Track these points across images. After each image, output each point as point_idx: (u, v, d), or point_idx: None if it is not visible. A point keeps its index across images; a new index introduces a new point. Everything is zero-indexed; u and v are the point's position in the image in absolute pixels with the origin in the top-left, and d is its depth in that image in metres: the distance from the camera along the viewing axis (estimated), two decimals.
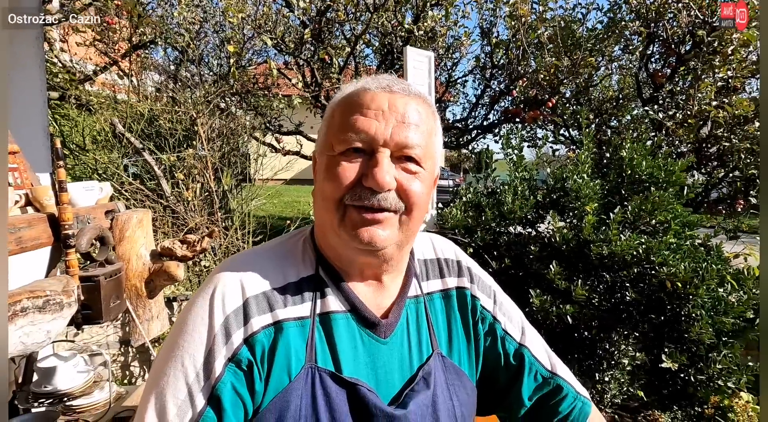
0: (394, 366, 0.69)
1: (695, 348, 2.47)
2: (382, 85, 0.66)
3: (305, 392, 0.61)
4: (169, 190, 2.53)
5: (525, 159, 3.36)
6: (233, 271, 0.66)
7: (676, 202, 2.74)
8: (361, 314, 0.68)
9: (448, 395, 0.71)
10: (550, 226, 2.84)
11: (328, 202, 0.64)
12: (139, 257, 1.41)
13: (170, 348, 0.62)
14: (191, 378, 0.59)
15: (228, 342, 0.60)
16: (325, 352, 0.64)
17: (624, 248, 2.48)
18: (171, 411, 0.57)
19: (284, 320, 0.63)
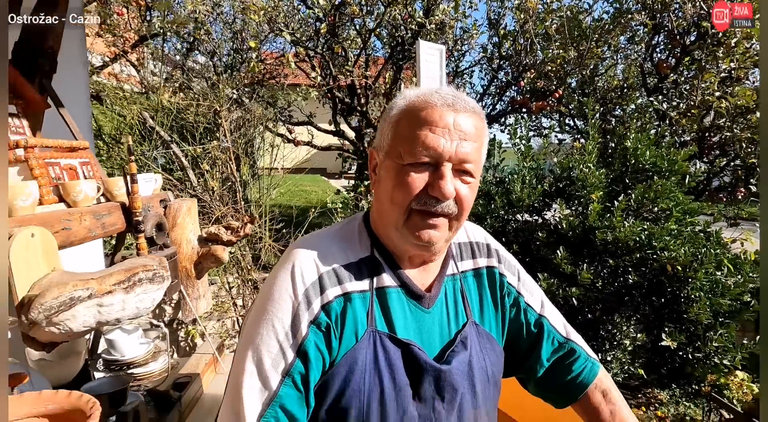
0: (435, 332, 0.82)
1: (693, 328, 2.63)
2: (447, 102, 0.74)
3: (369, 350, 0.74)
4: (195, 180, 2.67)
5: (532, 149, 3.48)
6: (307, 250, 0.79)
7: (678, 190, 2.87)
8: (409, 289, 0.81)
9: (482, 356, 0.85)
10: (557, 214, 2.97)
11: (396, 206, 0.75)
12: (188, 242, 1.56)
13: (260, 314, 0.75)
14: (281, 337, 0.72)
15: (309, 309, 0.74)
16: (382, 319, 0.78)
17: (627, 234, 2.62)
18: (267, 363, 0.70)
19: (351, 292, 0.77)
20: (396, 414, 0.74)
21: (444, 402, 0.78)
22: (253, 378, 0.70)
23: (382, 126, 0.81)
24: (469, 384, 0.82)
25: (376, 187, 0.82)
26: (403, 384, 0.75)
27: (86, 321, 0.77)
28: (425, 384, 0.76)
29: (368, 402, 0.72)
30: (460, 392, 0.80)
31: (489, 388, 0.86)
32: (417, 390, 0.76)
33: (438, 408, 0.77)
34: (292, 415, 0.70)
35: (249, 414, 0.68)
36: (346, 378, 0.73)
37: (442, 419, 0.78)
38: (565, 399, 0.96)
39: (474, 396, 0.82)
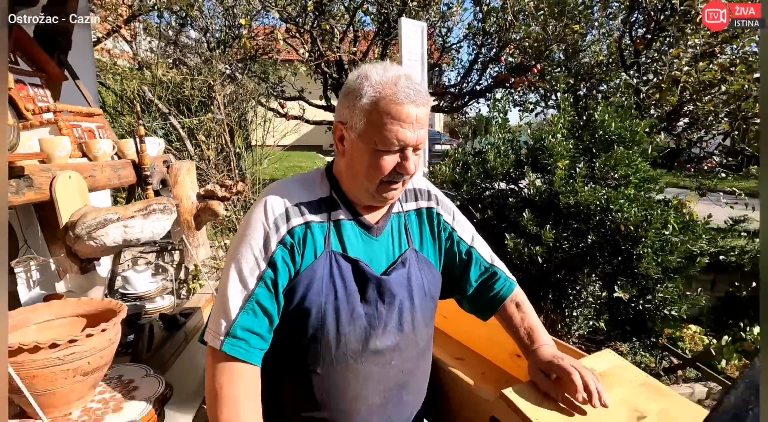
0: (382, 255, 1.05)
1: (645, 282, 2.92)
2: (411, 99, 0.91)
3: (325, 266, 0.97)
4: (192, 150, 2.89)
5: (509, 121, 3.70)
6: (277, 191, 1.02)
7: (640, 160, 3.12)
8: (361, 221, 1.04)
9: (420, 275, 1.10)
10: (527, 181, 3.23)
11: (370, 179, 0.96)
12: (188, 198, 1.81)
13: (240, 238, 0.98)
14: (256, 252, 0.94)
15: (278, 232, 0.96)
16: (337, 243, 1.00)
17: (588, 198, 2.88)
18: (245, 271, 0.93)
19: (311, 222, 0.99)
20: (347, 312, 0.97)
21: (384, 304, 1.01)
22: (235, 283, 0.93)
23: (351, 107, 0.95)
24: (407, 294, 1.06)
25: (346, 158, 1.00)
26: (353, 290, 0.99)
27: (115, 239, 1.02)
28: (369, 290, 1.00)
29: (325, 302, 0.95)
30: (399, 298, 1.04)
31: (426, 300, 1.11)
32: (363, 294, 0.99)
33: (380, 309, 1.00)
34: (265, 308, 0.93)
35: (233, 307, 0.92)
36: (308, 286, 0.95)
37: (383, 316, 1.01)
38: (489, 311, 1.24)
39: (412, 303, 1.07)
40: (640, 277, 2.91)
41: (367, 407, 1.01)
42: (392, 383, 1.03)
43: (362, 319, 0.98)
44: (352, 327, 0.97)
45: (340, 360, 0.97)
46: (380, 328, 1.00)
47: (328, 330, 0.96)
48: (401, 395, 1.07)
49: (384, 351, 1.01)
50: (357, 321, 0.98)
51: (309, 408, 1.00)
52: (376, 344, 0.99)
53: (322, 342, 0.96)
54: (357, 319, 0.98)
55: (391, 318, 1.01)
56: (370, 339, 0.99)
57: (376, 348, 0.99)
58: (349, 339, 0.97)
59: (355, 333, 0.97)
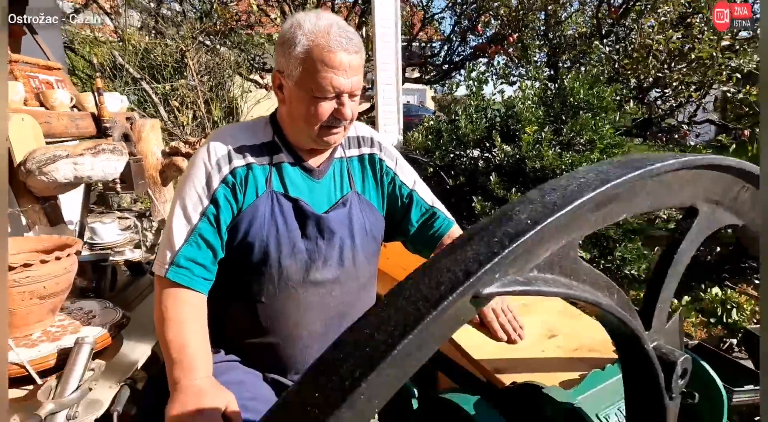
0: (324, 197, 1.10)
1: (606, 243, 3.06)
2: (344, 47, 0.96)
3: (267, 204, 1.02)
4: (166, 116, 2.92)
5: (483, 90, 3.76)
6: (220, 135, 1.06)
7: (607, 126, 3.20)
8: (303, 164, 1.08)
9: (362, 216, 1.17)
10: (497, 146, 3.31)
11: (310, 125, 1.01)
12: (153, 154, 1.87)
13: (185, 179, 1.04)
14: (199, 190, 1.00)
15: (220, 172, 1.00)
16: (279, 184, 1.05)
17: (553, 162, 2.98)
18: (189, 207, 0.99)
19: (253, 163, 1.03)
20: (288, 246, 1.03)
21: (324, 240, 1.07)
22: (180, 218, 1.00)
23: (287, 56, 0.99)
24: (348, 232, 1.13)
25: (286, 105, 1.06)
26: (294, 227, 1.04)
27: (66, 175, 1.10)
28: (309, 227, 1.05)
29: (267, 237, 1.01)
30: (338, 235, 1.08)
31: (367, 239, 1.18)
32: (304, 231, 1.05)
33: (320, 244, 1.06)
34: (208, 241, 1.00)
35: (177, 240, 0.98)
36: (250, 223, 1.01)
37: (323, 251, 1.07)
38: (429, 248, 1.33)
39: (353, 241, 1.14)
40: (602, 238, 3.04)
41: (308, 333, 1.09)
42: (333, 312, 1.10)
43: (303, 254, 1.04)
44: (293, 260, 1.03)
45: (282, 290, 1.04)
46: (320, 262, 1.06)
47: (270, 263, 1.02)
48: (342, 325, 1.14)
49: (324, 282, 1.07)
50: (298, 255, 1.04)
51: (254, 335, 1.08)
52: (316, 276, 1.05)
53: (266, 274, 1.02)
54: (298, 253, 1.04)
55: (331, 254, 1.08)
56: (310, 271, 1.05)
57: (316, 279, 1.06)
58: (290, 271, 1.03)
59: (296, 265, 1.03)
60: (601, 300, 0.42)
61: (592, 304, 0.44)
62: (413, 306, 0.35)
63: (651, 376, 0.51)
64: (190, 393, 0.90)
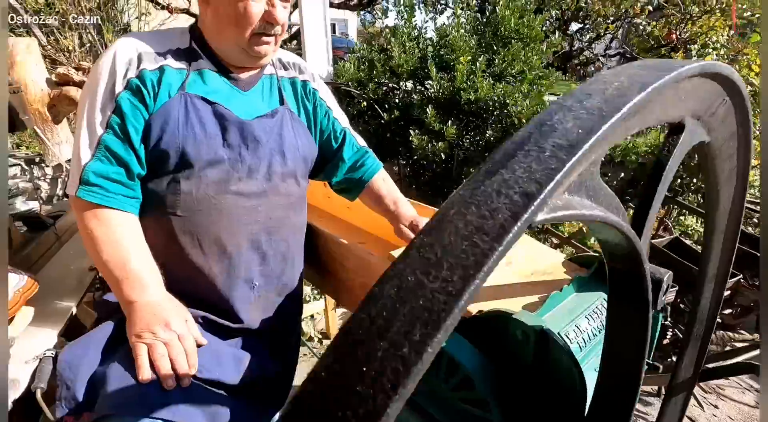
0: (251, 107, 1.01)
1: None
2: None
3: (180, 107, 0.92)
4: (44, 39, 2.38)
5: (415, 17, 3.56)
6: (128, 40, 0.95)
7: (534, 55, 3.23)
8: (227, 72, 1.01)
9: (293, 134, 1.08)
10: (432, 78, 3.22)
11: (240, 29, 0.94)
12: (34, 83, 1.52)
13: (86, 88, 0.93)
14: (102, 99, 0.91)
15: (126, 76, 0.91)
16: (197, 88, 0.96)
17: (487, 93, 2.97)
18: (93, 121, 0.90)
19: (166, 66, 0.94)
20: (207, 155, 0.94)
21: (249, 150, 0.98)
22: (84, 132, 0.90)
23: None
24: (277, 147, 1.03)
25: (211, 11, 0.96)
26: (213, 133, 0.95)
27: None
28: (231, 134, 0.96)
29: (183, 145, 0.92)
30: (267, 147, 1.01)
31: (298, 160, 1.09)
32: (225, 138, 0.96)
33: (243, 154, 0.98)
34: (117, 154, 0.90)
35: (84, 155, 0.89)
36: (162, 128, 0.91)
37: (247, 161, 0.98)
38: (358, 188, 1.27)
39: (283, 158, 1.05)
40: None
41: (234, 249, 0.99)
42: (259, 228, 1.02)
43: (224, 163, 0.96)
44: (213, 169, 0.95)
45: (201, 200, 0.95)
46: (243, 172, 0.98)
47: (187, 173, 0.93)
48: (270, 243, 1.06)
49: (249, 195, 0.99)
50: (218, 164, 0.95)
51: (173, 257, 0.96)
52: (240, 187, 0.98)
53: (182, 183, 0.94)
54: (218, 162, 0.95)
55: (258, 166, 1.00)
56: (231, 180, 0.97)
57: (240, 190, 0.98)
58: (210, 181, 0.95)
59: (217, 174, 0.95)
60: (616, 221, 0.39)
61: (611, 225, 0.40)
62: (469, 242, 0.27)
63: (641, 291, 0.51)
64: (147, 310, 0.85)
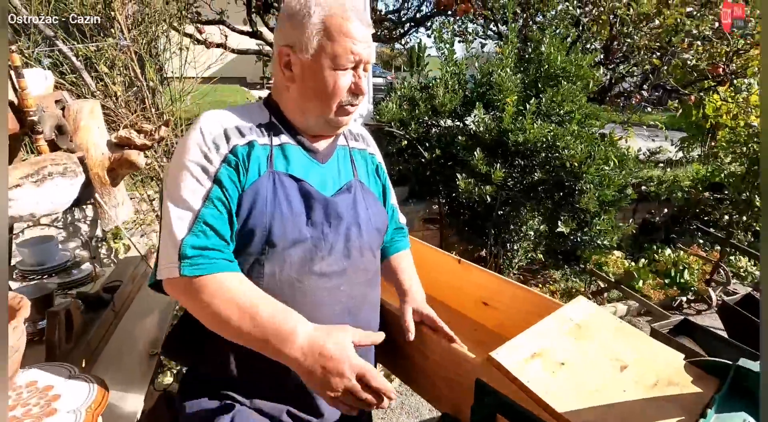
0: (328, 181, 1.01)
1: (583, 216, 3.06)
2: (359, 16, 0.92)
3: (269, 185, 0.91)
4: (93, 84, 2.37)
5: (456, 54, 3.50)
6: (213, 115, 0.94)
7: (581, 94, 3.12)
8: (307, 146, 1.00)
9: (365, 205, 1.06)
10: (476, 118, 3.13)
11: (328, 102, 0.94)
12: (96, 146, 1.46)
13: (176, 164, 0.90)
14: (197, 174, 0.87)
15: (219, 151, 0.89)
16: (281, 164, 0.95)
17: (536, 135, 2.86)
18: (187, 194, 0.86)
19: (254, 141, 0.93)
20: (292, 234, 0.91)
21: (331, 226, 0.96)
22: (176, 212, 0.85)
23: (300, 28, 0.92)
24: (353, 219, 1.01)
25: (297, 84, 0.95)
26: (299, 211, 0.93)
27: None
28: (316, 211, 0.94)
29: (270, 224, 0.89)
30: (345, 222, 0.99)
31: (372, 231, 1.06)
32: (310, 216, 0.94)
33: (326, 231, 0.95)
34: (216, 229, 0.85)
35: (179, 233, 0.83)
36: (251, 206, 0.89)
37: (330, 239, 0.96)
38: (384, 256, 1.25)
39: (359, 230, 1.01)
40: (579, 211, 3.04)
41: None
42: (341, 308, 0.98)
43: (308, 242, 0.93)
44: (297, 249, 0.92)
45: (284, 282, 0.91)
46: (326, 250, 0.95)
47: (272, 252, 0.90)
48: (353, 323, 1.00)
49: (331, 275, 0.96)
50: (302, 243, 0.92)
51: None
52: (322, 267, 0.95)
53: (266, 266, 0.90)
54: (302, 241, 0.92)
55: (337, 242, 0.98)
56: (314, 260, 0.94)
57: (322, 271, 0.95)
58: (293, 261, 0.91)
59: (300, 255, 0.92)
60: None
61: None
62: None
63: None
64: (313, 362, 0.79)
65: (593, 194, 2.87)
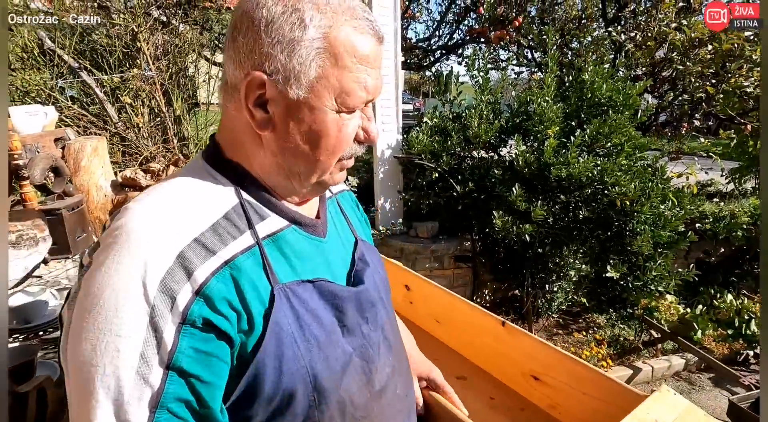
0: (338, 258, 0.73)
1: (635, 259, 2.75)
2: (373, 29, 0.60)
3: (286, 310, 0.60)
4: (116, 116, 2.31)
5: (490, 82, 3.32)
6: (146, 227, 0.53)
7: (630, 125, 2.86)
8: (301, 222, 0.68)
9: (377, 267, 0.82)
10: (513, 150, 2.91)
11: (329, 159, 0.62)
12: (99, 188, 1.33)
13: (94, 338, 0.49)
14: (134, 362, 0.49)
15: (174, 305, 0.51)
16: (283, 268, 0.63)
17: (581, 170, 2.61)
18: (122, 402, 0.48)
19: (234, 256, 0.57)
20: (338, 360, 0.63)
21: (368, 323, 0.72)
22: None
23: (285, 46, 0.56)
24: (379, 297, 0.77)
25: (278, 133, 0.60)
26: (333, 327, 0.65)
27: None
28: (348, 314, 0.68)
29: (311, 365, 0.60)
30: (377, 309, 0.75)
31: (389, 297, 0.84)
32: (344, 323, 0.67)
33: (365, 332, 0.70)
34: None
35: None
36: (278, 366, 0.57)
37: (372, 340, 0.71)
38: None
39: (385, 307, 0.78)
40: (630, 254, 2.73)
41: None
42: (404, 415, 0.79)
43: (355, 359, 0.67)
44: (348, 378, 0.65)
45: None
46: (375, 355, 0.71)
47: (326, 401, 0.62)
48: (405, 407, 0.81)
49: (387, 385, 0.73)
50: (349, 365, 0.66)
51: None
52: (380, 380, 0.71)
53: (325, 417, 0.62)
54: (350, 362, 0.66)
55: (377, 336, 0.73)
56: (372, 378, 0.69)
57: (382, 385, 0.71)
58: (351, 395, 0.65)
59: (357, 380, 0.67)
60: None
61: None
62: None
63: None
64: None
65: (648, 235, 2.57)
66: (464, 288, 3.56)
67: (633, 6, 4.13)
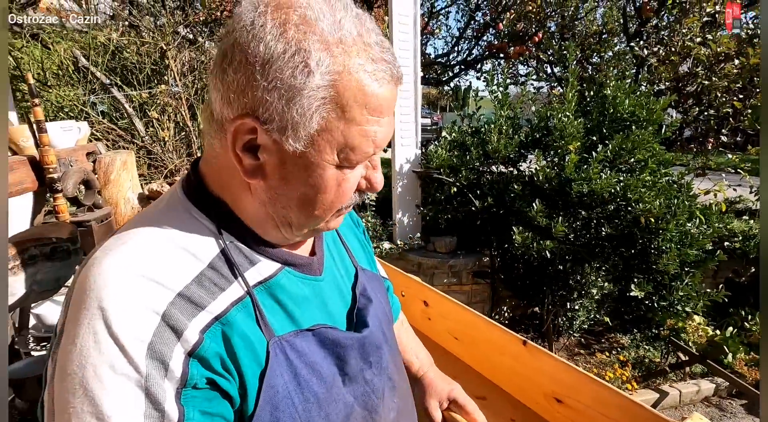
0: (337, 297, 0.67)
1: (660, 278, 2.67)
2: (392, 72, 0.52)
3: (282, 367, 0.55)
4: (143, 130, 2.39)
5: (510, 97, 3.32)
6: (119, 287, 0.47)
7: (654, 141, 2.81)
8: (295, 263, 0.61)
9: (379, 299, 0.75)
10: (533, 165, 2.88)
11: (324, 213, 0.56)
12: (126, 201, 1.37)
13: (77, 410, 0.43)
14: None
15: (168, 374, 0.46)
16: (279, 318, 0.57)
17: (604, 186, 2.56)
18: None
19: (226, 311, 0.52)
20: (339, 414, 0.60)
21: (372, 367, 0.66)
22: None
23: (285, 92, 0.47)
24: (384, 339, 0.71)
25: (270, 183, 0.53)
26: (334, 379, 0.60)
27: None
28: (351, 361, 0.63)
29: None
30: (382, 350, 0.69)
31: (391, 328, 0.78)
32: (344, 371, 0.62)
33: (368, 378, 0.65)
34: None
35: None
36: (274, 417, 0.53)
37: (376, 385, 0.67)
38: None
39: (390, 347, 0.72)
40: (655, 273, 2.65)
41: None
42: None
43: (356, 409, 0.63)
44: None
45: None
46: (378, 401, 0.67)
47: None
48: None
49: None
50: (352, 415, 0.62)
51: None
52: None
53: None
54: (351, 413, 0.62)
55: (382, 380, 0.69)
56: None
57: None
58: None
59: None
60: None
61: None
62: None
63: None
64: None
65: (674, 254, 2.50)
66: (482, 305, 3.51)
67: (655, 21, 4.09)
